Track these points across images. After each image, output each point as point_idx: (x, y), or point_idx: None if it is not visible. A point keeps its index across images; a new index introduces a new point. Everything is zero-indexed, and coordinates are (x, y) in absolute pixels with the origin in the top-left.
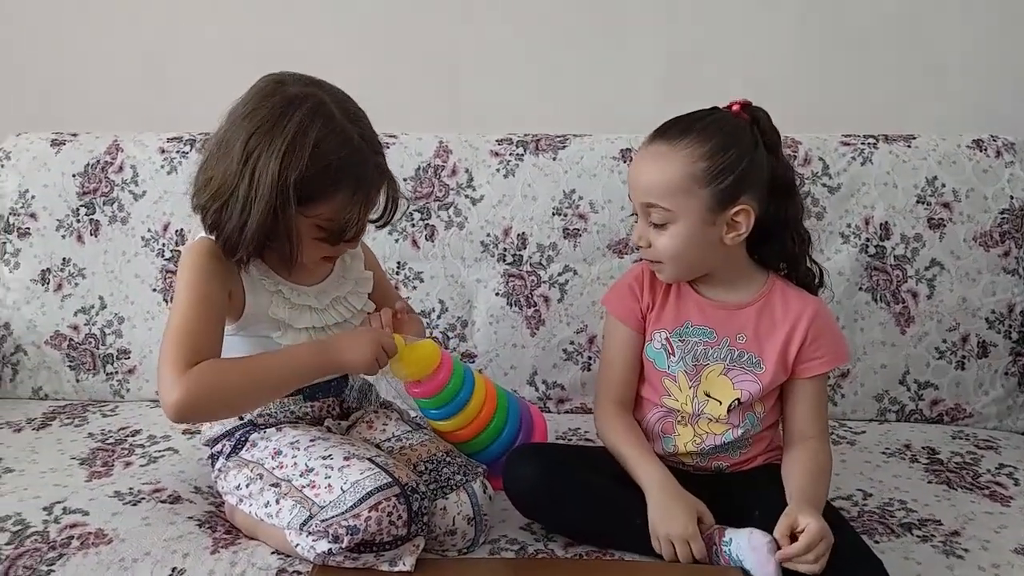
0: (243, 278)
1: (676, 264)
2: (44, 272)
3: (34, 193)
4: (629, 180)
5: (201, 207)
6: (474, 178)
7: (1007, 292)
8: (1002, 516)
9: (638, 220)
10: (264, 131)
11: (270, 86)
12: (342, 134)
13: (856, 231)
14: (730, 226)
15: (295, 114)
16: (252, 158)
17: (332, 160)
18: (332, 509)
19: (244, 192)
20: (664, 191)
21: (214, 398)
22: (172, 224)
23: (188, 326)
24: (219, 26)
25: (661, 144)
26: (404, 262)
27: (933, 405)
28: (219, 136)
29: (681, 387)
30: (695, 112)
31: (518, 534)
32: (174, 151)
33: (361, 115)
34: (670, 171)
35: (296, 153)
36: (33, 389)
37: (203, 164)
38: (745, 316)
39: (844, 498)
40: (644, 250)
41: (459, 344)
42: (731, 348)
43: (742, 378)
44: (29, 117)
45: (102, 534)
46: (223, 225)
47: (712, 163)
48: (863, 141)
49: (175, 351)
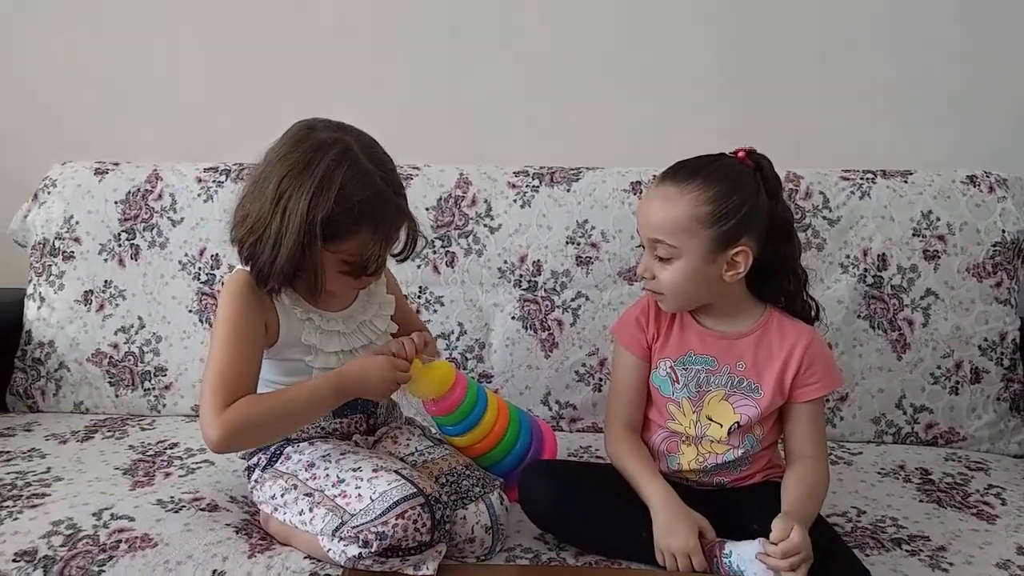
0: (277, 307)
1: (676, 296)
2: (87, 293)
3: (78, 219)
4: (638, 216)
5: (237, 240)
6: (492, 208)
7: (999, 321)
8: (987, 533)
9: (645, 253)
10: (295, 174)
11: (302, 131)
12: (366, 177)
13: (855, 262)
14: (730, 265)
15: (324, 158)
16: (284, 198)
17: (355, 201)
18: (362, 516)
19: (276, 228)
20: (670, 229)
21: (248, 434)
22: (208, 249)
23: (226, 366)
24: (254, 64)
25: (670, 186)
26: (426, 287)
27: (928, 428)
28: (255, 176)
29: (685, 412)
30: (703, 157)
31: (532, 543)
32: (210, 180)
33: (385, 159)
34: (676, 212)
35: (323, 194)
36: (75, 403)
37: (240, 201)
38: (744, 345)
39: (839, 514)
40: (648, 281)
41: (477, 365)
42: (731, 375)
43: (741, 403)
44: (74, 146)
45: (148, 538)
46: (256, 258)
47: (716, 207)
48: (862, 176)
49: (213, 392)
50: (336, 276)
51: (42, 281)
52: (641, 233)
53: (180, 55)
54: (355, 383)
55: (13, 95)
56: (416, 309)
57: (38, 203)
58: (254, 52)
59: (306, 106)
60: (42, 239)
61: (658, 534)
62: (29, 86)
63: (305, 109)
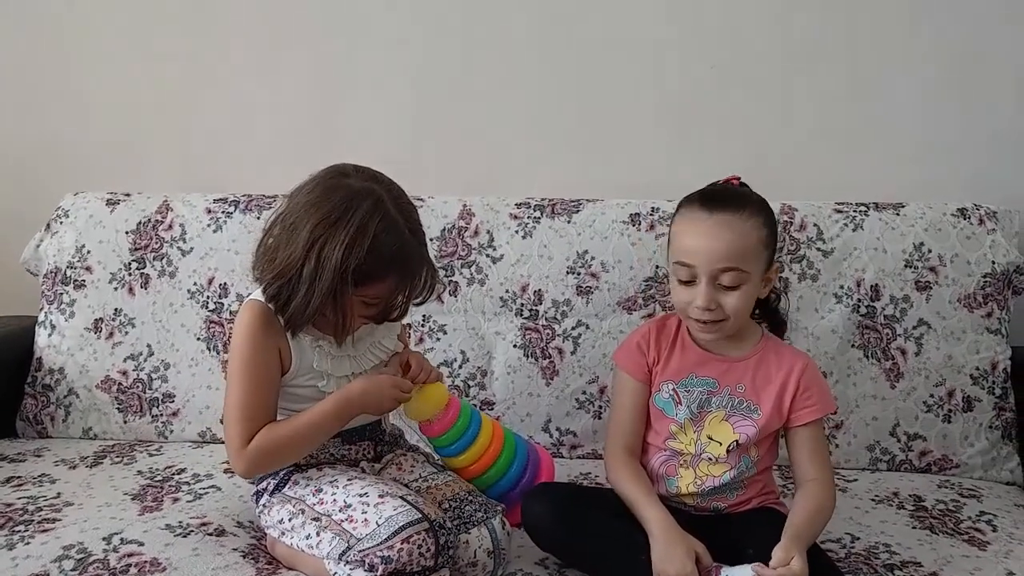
0: (288, 336)
1: (737, 321)
2: (97, 321)
3: (90, 248)
4: (694, 248)
5: (264, 281)
6: (495, 239)
7: (990, 351)
8: (978, 559)
9: (699, 285)
10: (330, 222)
11: (335, 179)
12: (396, 228)
13: (848, 292)
14: (766, 283)
15: (359, 208)
16: (317, 245)
17: (386, 251)
18: (368, 541)
19: (309, 274)
20: (743, 255)
21: (271, 461)
22: (216, 278)
23: (245, 401)
24: (263, 97)
25: (728, 214)
26: (429, 315)
27: (922, 456)
28: (284, 219)
29: (686, 431)
30: (727, 187)
31: (533, 568)
32: (219, 211)
33: (411, 209)
34: (747, 237)
35: (358, 245)
36: (84, 429)
37: (267, 244)
38: (744, 368)
39: (834, 541)
40: (709, 312)
41: (479, 392)
42: (731, 396)
43: (741, 423)
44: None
45: (156, 563)
46: (282, 298)
47: (770, 229)
48: (855, 209)
49: (236, 430)
50: (357, 318)
51: (53, 309)
52: (701, 264)
53: (193, 87)
54: (358, 401)
55: (27, 127)
56: (419, 337)
57: (50, 233)
58: (264, 85)
59: (314, 139)
60: (54, 268)
61: (656, 559)
62: (42, 118)
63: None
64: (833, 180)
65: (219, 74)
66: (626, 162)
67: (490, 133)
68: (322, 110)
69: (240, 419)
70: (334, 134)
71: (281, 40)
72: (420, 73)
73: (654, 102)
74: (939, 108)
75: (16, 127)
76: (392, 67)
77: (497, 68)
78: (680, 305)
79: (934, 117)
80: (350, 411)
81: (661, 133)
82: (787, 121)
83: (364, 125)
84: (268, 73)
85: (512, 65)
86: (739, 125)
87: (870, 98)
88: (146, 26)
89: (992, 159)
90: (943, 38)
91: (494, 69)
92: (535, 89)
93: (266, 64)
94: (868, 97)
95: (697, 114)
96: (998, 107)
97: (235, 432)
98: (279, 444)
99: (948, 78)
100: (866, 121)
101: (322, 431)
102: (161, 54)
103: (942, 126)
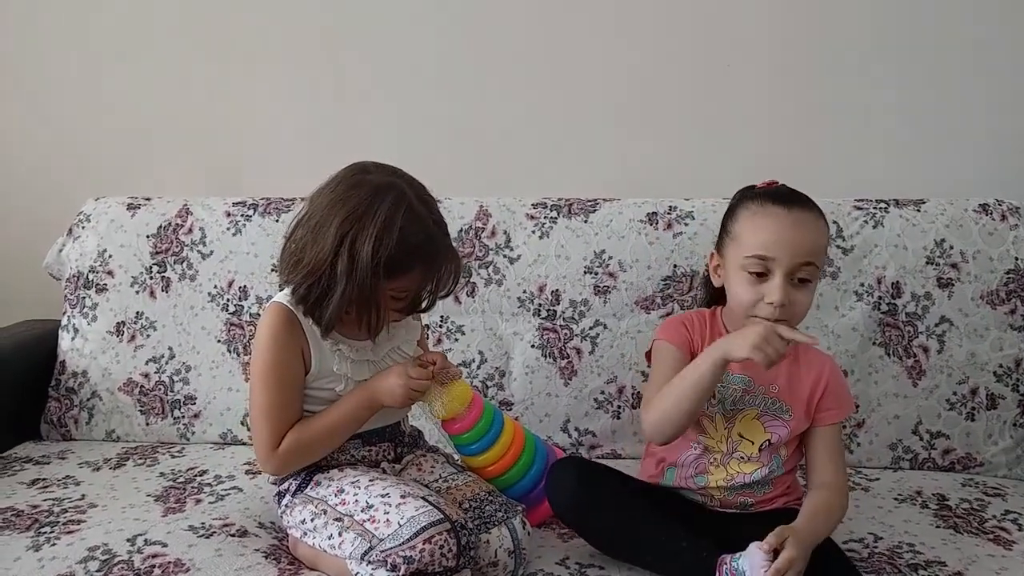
0: (309, 339)
1: (799, 321)
2: (119, 324)
3: (111, 252)
4: (775, 241)
5: (292, 283)
6: (512, 239)
7: (1014, 348)
8: (1003, 559)
9: (774, 280)
10: (356, 217)
11: (357, 176)
12: (420, 219)
13: (869, 290)
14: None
15: (383, 202)
16: (348, 239)
17: (413, 242)
18: (390, 541)
19: (344, 270)
20: (820, 251)
21: (299, 460)
22: (236, 281)
23: (271, 405)
24: (282, 103)
25: (803, 212)
26: (447, 316)
27: (945, 454)
28: (308, 221)
29: (717, 427)
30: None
31: (554, 568)
32: (239, 214)
33: (432, 202)
34: (822, 234)
35: (387, 236)
36: (107, 431)
37: (293, 246)
38: (777, 368)
39: (856, 541)
40: (782, 310)
41: (497, 393)
42: (765, 396)
43: (772, 423)
44: (106, 182)
45: (180, 563)
46: (313, 298)
47: (828, 229)
48: (875, 206)
49: (265, 433)
50: (388, 313)
51: (76, 313)
52: (783, 258)
53: (211, 92)
54: (378, 399)
55: (48, 132)
56: (438, 339)
57: (72, 237)
58: (281, 88)
59: (330, 141)
60: (76, 272)
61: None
62: (63, 123)
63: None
64: (852, 177)
65: (237, 79)
66: (643, 161)
67: (506, 134)
68: (339, 113)
69: (268, 421)
70: (351, 137)
71: (298, 43)
72: (435, 75)
73: (671, 101)
74: (959, 102)
75: (38, 132)
76: (407, 69)
77: (512, 68)
78: (746, 303)
79: (955, 111)
80: (373, 403)
81: (678, 132)
82: (804, 117)
83: (380, 127)
84: (285, 76)
85: (527, 65)
86: (757, 123)
87: (886, 92)
88: (166, 31)
89: (1016, 154)
90: (954, 29)
91: (509, 69)
92: (550, 89)
93: (283, 67)
94: (884, 91)
95: (714, 113)
96: (1019, 100)
97: (265, 434)
98: (311, 442)
99: (963, 70)
100: (884, 116)
101: (350, 425)
102: (180, 59)
103: (965, 120)
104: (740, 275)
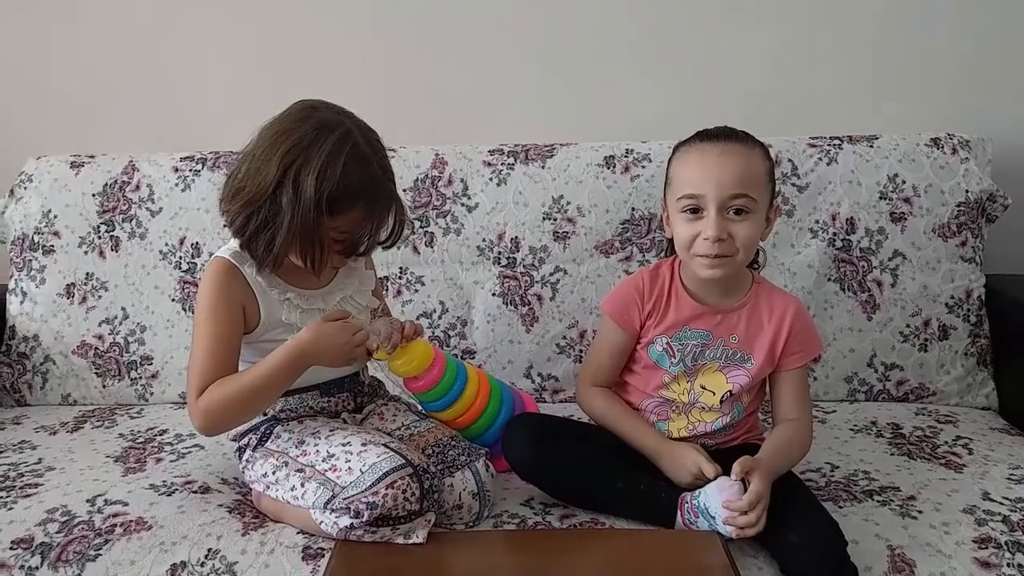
0: (255, 291)
1: (746, 255)
2: (69, 286)
3: (56, 213)
4: (702, 178)
5: (230, 214)
6: (469, 187)
7: (964, 279)
8: (954, 481)
9: (708, 216)
10: (301, 148)
11: (306, 110)
12: (365, 159)
13: (824, 226)
14: (767, 223)
15: (328, 138)
16: (292, 171)
17: (355, 180)
18: (353, 488)
19: (288, 200)
20: (752, 182)
21: (224, 415)
22: (188, 238)
23: (206, 355)
24: (226, 51)
25: (735, 144)
26: (406, 267)
27: (899, 385)
28: (252, 151)
29: (679, 382)
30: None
31: (519, 509)
32: (187, 169)
33: (380, 146)
34: (755, 165)
35: (330, 171)
36: (62, 396)
37: (234, 175)
38: (736, 318)
39: (813, 470)
40: (720, 244)
41: (459, 342)
42: (725, 347)
43: (734, 373)
44: (47, 141)
45: (142, 521)
46: (250, 229)
47: (770, 164)
48: (829, 143)
49: (194, 384)
50: (330, 253)
51: (23, 276)
52: (711, 193)
53: (153, 44)
54: (312, 349)
55: None
56: (397, 290)
57: (15, 199)
58: (227, 39)
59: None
60: (21, 234)
61: (671, 474)
62: None
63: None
64: (806, 114)
65: (183, 28)
66: (598, 104)
67: (459, 80)
68: (288, 62)
69: (199, 373)
70: (301, 86)
71: None
72: (384, 21)
73: (623, 42)
74: (908, 37)
75: None
76: (360, 14)
77: (463, 12)
78: (684, 241)
79: (909, 48)
80: (303, 361)
81: (631, 73)
82: (758, 57)
83: (331, 76)
84: (231, 26)
85: (477, 9)
86: (709, 63)
87: (840, 30)
88: None
89: (969, 88)
90: None
91: (460, 14)
92: (503, 33)
93: (228, 17)
94: (838, 29)
95: (667, 53)
96: (970, 36)
97: (192, 386)
98: (230, 397)
99: (913, 5)
100: (838, 53)
101: (275, 383)
102: (125, 9)
103: (913, 55)
104: (678, 217)
